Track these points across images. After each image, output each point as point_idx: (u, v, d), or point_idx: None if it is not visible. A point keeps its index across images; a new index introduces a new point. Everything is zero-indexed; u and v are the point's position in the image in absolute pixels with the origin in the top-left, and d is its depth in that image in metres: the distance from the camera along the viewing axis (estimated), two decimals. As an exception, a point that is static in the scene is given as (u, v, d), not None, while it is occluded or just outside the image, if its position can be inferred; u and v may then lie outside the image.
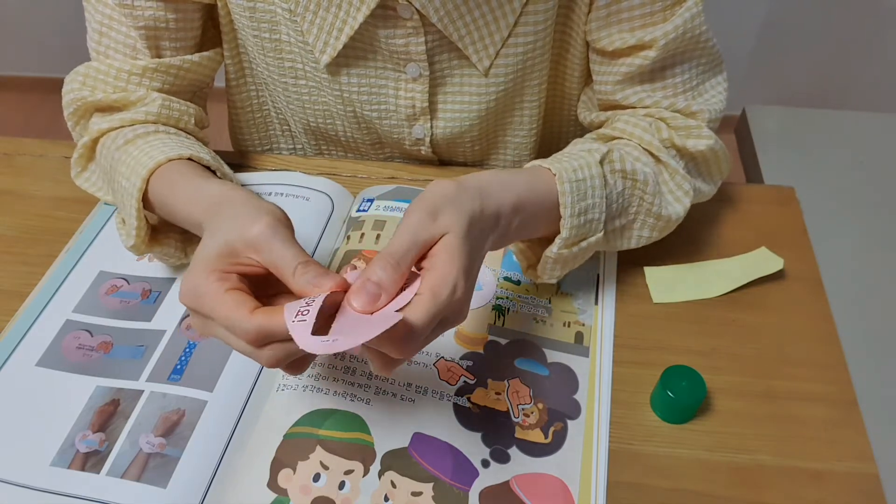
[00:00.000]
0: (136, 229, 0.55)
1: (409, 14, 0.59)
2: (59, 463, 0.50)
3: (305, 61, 0.66)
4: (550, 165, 0.52)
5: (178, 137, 0.60)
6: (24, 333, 0.58)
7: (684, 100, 0.60)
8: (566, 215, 0.51)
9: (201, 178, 0.53)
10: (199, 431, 0.51)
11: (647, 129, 0.58)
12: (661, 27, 0.57)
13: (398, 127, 0.70)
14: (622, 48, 0.59)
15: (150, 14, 0.60)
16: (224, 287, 0.41)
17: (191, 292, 0.42)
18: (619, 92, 0.61)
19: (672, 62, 0.59)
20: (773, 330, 0.59)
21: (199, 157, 0.57)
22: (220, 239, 0.43)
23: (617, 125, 0.60)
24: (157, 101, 0.61)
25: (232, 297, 0.41)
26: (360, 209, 0.67)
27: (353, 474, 0.49)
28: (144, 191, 0.54)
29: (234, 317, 0.40)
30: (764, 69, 1.85)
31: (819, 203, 0.85)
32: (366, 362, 0.54)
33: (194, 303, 0.42)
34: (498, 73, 0.65)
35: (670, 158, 0.58)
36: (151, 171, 0.54)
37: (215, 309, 0.41)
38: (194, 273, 0.42)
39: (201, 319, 0.43)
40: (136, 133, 0.59)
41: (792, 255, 0.63)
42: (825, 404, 0.54)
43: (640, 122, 0.59)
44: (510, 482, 0.49)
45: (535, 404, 0.53)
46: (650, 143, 0.58)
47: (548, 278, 0.56)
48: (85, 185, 0.65)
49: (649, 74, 0.60)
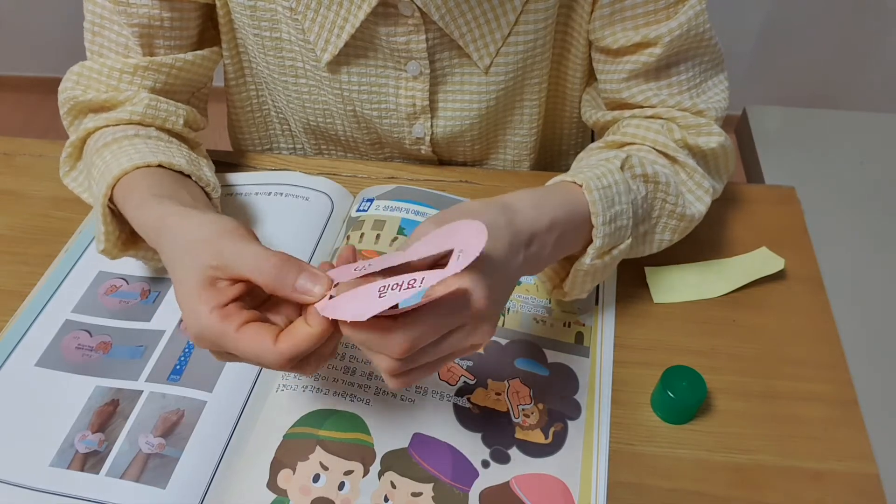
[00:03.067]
0: (104, 234, 0.54)
1: (411, 11, 0.59)
2: (59, 463, 0.50)
3: (306, 60, 0.66)
4: (574, 178, 0.51)
5: (156, 142, 0.59)
6: (24, 333, 0.58)
7: (689, 98, 0.60)
8: (598, 223, 0.50)
9: (146, 197, 0.51)
10: (199, 432, 0.50)
11: (660, 132, 0.58)
12: (666, 24, 0.57)
13: (398, 126, 0.70)
14: (626, 46, 0.59)
15: (145, 12, 0.60)
16: (234, 325, 0.40)
17: (205, 338, 0.42)
18: (626, 90, 0.61)
19: (677, 60, 0.59)
20: (774, 330, 0.59)
21: (169, 164, 0.56)
22: (191, 274, 0.42)
23: (627, 130, 0.60)
24: (143, 101, 0.60)
25: (249, 334, 0.40)
26: (359, 209, 0.67)
27: (353, 475, 0.48)
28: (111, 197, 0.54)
29: (260, 353, 0.40)
30: (764, 69, 1.85)
31: (820, 203, 0.85)
32: (366, 362, 0.54)
33: (212, 345, 0.42)
34: (498, 71, 0.65)
35: (687, 158, 0.58)
36: (117, 178, 0.53)
37: (236, 348, 0.41)
38: (195, 319, 0.41)
39: (222, 355, 0.43)
40: (115, 136, 0.58)
41: (792, 255, 0.63)
42: (825, 404, 0.54)
43: (651, 125, 0.59)
44: (510, 482, 0.49)
45: (535, 404, 0.53)
46: (665, 144, 0.57)
47: (577, 294, 0.55)
48: (72, 186, 0.64)
49: (655, 72, 0.60)
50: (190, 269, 0.43)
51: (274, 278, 0.41)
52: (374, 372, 0.53)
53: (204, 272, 0.42)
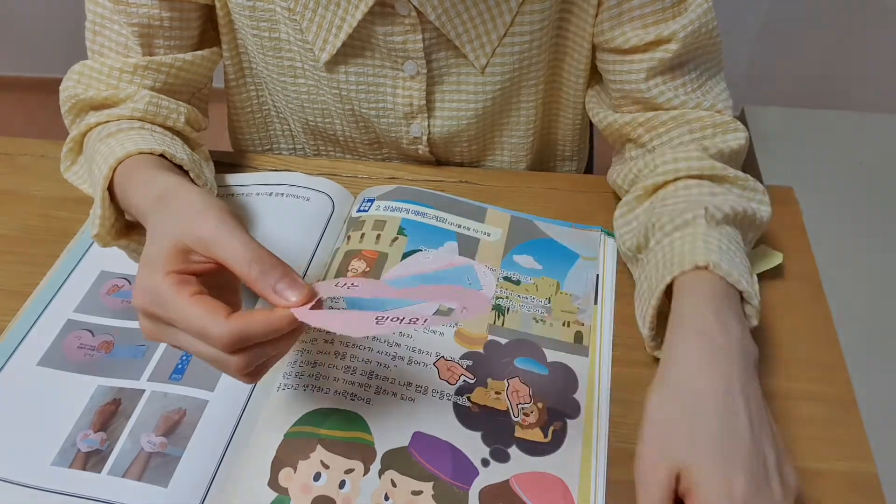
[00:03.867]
0: (100, 218, 0.53)
1: (407, 11, 0.60)
2: (61, 462, 0.50)
3: (304, 60, 0.66)
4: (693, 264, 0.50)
5: (160, 135, 0.59)
6: (26, 333, 0.58)
7: (702, 94, 0.61)
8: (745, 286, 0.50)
9: (156, 171, 0.52)
10: (200, 431, 0.51)
11: (700, 158, 0.57)
12: (677, 21, 0.58)
13: (396, 125, 0.70)
14: (639, 45, 0.59)
15: (145, 12, 0.60)
16: (188, 291, 0.40)
17: (149, 294, 0.41)
18: (648, 89, 0.60)
19: (689, 57, 0.60)
20: (772, 330, 0.59)
21: (171, 155, 0.55)
22: (169, 238, 0.42)
23: (667, 167, 0.58)
24: (144, 98, 0.60)
25: (202, 303, 0.40)
26: (360, 209, 0.67)
27: (354, 473, 0.49)
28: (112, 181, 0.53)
29: (208, 323, 0.39)
30: (764, 69, 1.85)
31: (818, 203, 0.85)
32: (366, 362, 0.54)
33: (153, 306, 0.41)
34: (494, 71, 0.65)
35: (732, 171, 0.57)
36: (120, 160, 0.53)
37: (183, 314, 0.40)
38: (150, 274, 0.41)
39: (156, 324, 0.42)
40: (120, 128, 0.58)
41: (791, 255, 0.63)
42: (825, 404, 0.54)
43: (687, 152, 0.58)
44: (510, 481, 0.49)
45: (534, 403, 0.53)
46: (712, 167, 0.57)
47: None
48: (72, 179, 0.63)
49: (671, 70, 0.60)
50: (170, 232, 0.42)
51: (258, 273, 0.40)
52: (374, 371, 0.54)
53: (185, 239, 0.41)
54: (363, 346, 0.55)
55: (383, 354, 0.55)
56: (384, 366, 0.54)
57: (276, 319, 0.40)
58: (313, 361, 0.54)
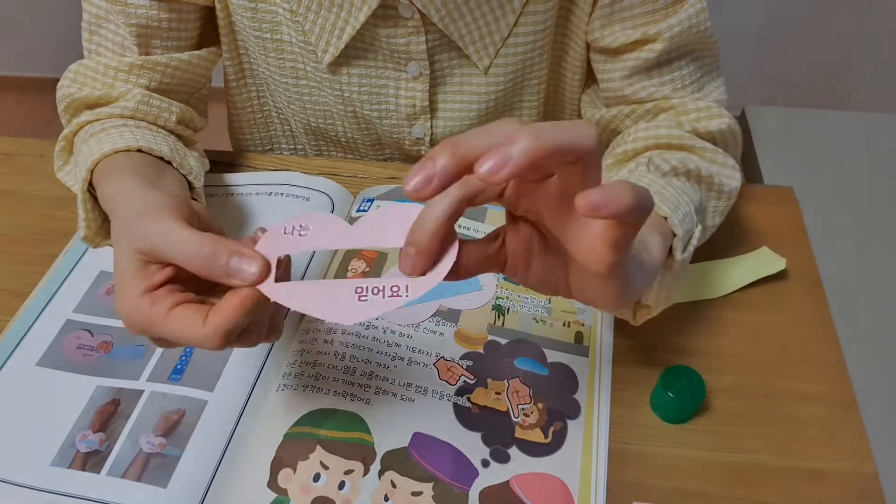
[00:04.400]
0: (84, 220, 0.53)
1: (411, 13, 0.60)
2: (60, 463, 0.50)
3: (306, 61, 0.66)
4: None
5: (143, 130, 0.58)
6: (25, 333, 0.58)
7: (691, 92, 0.60)
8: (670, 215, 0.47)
9: (117, 174, 0.50)
10: (200, 431, 0.51)
11: (669, 126, 0.57)
12: (666, 22, 0.57)
13: (398, 126, 0.70)
14: (626, 44, 0.59)
15: (143, 13, 0.60)
16: (165, 308, 0.39)
17: (130, 318, 0.40)
18: (628, 87, 0.61)
19: (678, 55, 0.60)
20: (773, 330, 0.59)
21: (150, 149, 0.54)
22: (125, 255, 0.41)
23: (637, 136, 0.58)
24: (135, 97, 0.60)
25: (178, 318, 0.38)
26: (360, 209, 0.67)
27: (353, 474, 0.49)
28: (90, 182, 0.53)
29: (192, 335, 0.38)
30: (764, 69, 1.85)
31: (819, 203, 0.85)
32: (366, 362, 0.54)
33: (138, 328, 0.40)
34: (497, 72, 0.65)
35: (702, 143, 0.57)
36: (97, 161, 0.52)
37: (165, 333, 0.39)
38: (124, 300, 0.40)
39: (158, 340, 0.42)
40: (103, 127, 0.57)
41: (791, 255, 0.63)
42: (825, 404, 0.54)
43: (658, 123, 0.58)
44: (510, 482, 0.49)
45: (534, 404, 0.53)
46: (680, 136, 0.57)
47: (662, 305, 0.50)
48: (65, 179, 0.62)
49: (657, 68, 0.60)
50: (124, 250, 0.41)
51: (204, 263, 0.38)
52: (374, 372, 0.54)
53: (134, 255, 0.40)
54: (363, 347, 0.55)
55: (383, 355, 0.55)
56: (384, 366, 0.54)
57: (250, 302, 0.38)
58: (313, 361, 0.54)
